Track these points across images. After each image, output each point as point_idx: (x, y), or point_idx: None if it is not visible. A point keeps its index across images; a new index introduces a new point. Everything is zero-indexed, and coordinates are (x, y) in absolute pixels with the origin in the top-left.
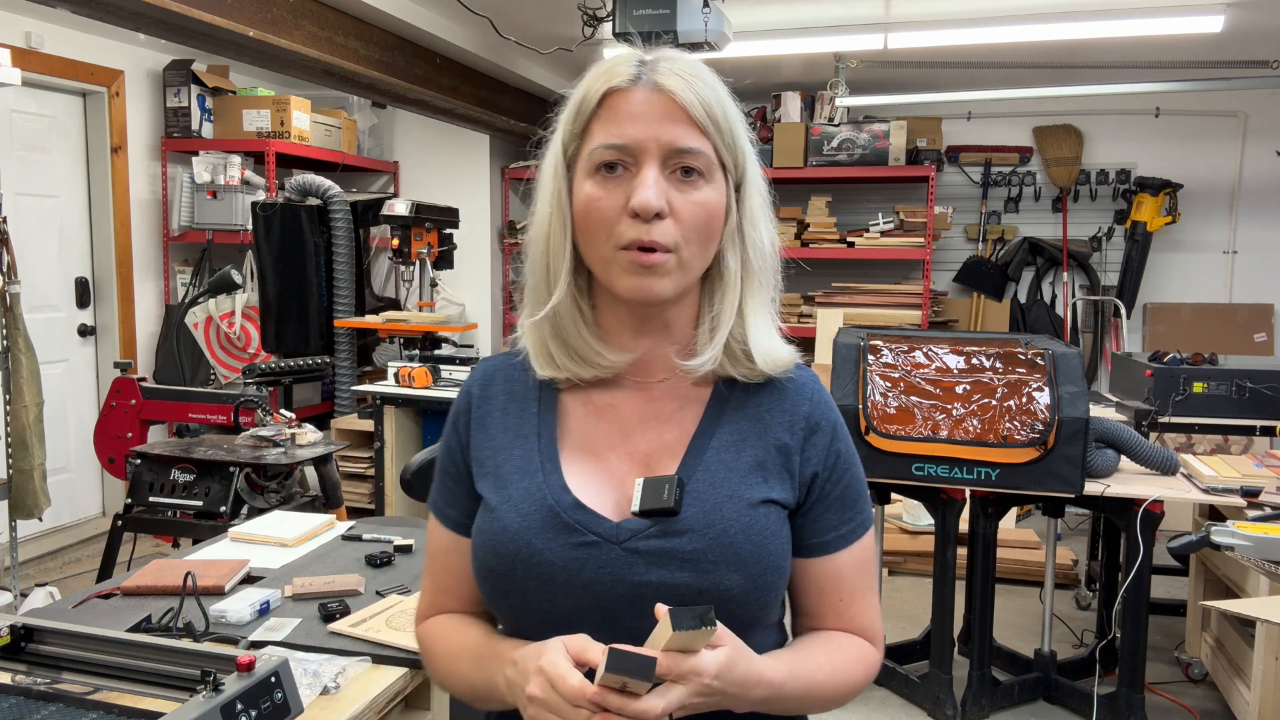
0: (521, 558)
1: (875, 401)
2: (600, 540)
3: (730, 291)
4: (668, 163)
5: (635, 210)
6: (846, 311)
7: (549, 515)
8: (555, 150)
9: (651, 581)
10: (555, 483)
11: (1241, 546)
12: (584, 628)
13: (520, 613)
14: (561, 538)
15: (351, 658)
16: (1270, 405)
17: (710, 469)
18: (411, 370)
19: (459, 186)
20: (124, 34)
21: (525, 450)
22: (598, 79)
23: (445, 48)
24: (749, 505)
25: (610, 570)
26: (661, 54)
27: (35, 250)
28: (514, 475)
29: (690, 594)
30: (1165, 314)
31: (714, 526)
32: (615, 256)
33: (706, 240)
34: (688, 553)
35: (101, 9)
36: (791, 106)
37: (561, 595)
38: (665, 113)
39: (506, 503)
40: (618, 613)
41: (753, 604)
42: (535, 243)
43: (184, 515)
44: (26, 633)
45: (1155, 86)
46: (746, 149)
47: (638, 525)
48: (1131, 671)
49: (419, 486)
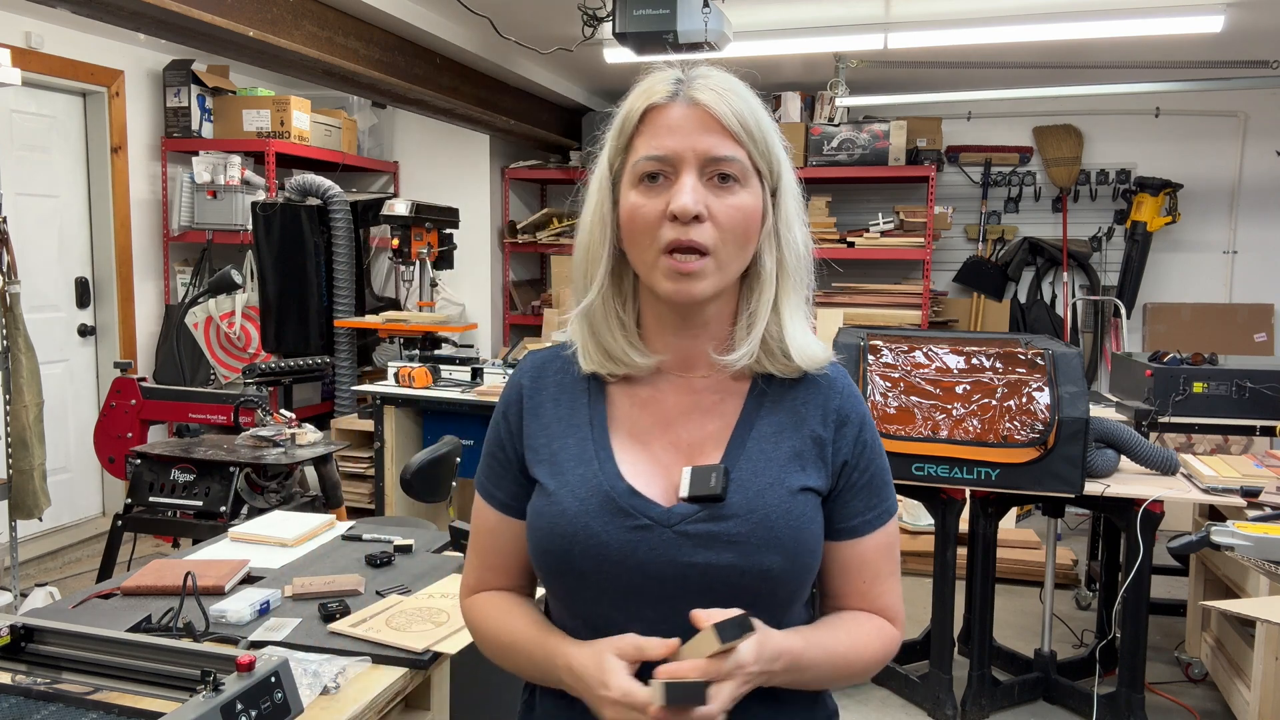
0: (579, 539)
1: (875, 401)
2: (653, 524)
3: (766, 290)
4: (705, 170)
5: (674, 214)
6: (846, 311)
7: (605, 500)
8: (602, 165)
9: (699, 563)
10: (610, 470)
11: (1241, 546)
12: (635, 604)
13: (575, 590)
14: (617, 521)
15: (351, 658)
16: (1270, 405)
17: (752, 458)
18: (411, 370)
19: (459, 186)
20: (124, 34)
21: (579, 439)
22: (639, 97)
23: (445, 48)
24: (789, 492)
25: (661, 552)
26: (698, 71)
27: (35, 250)
28: (570, 463)
29: (734, 574)
30: (1165, 314)
31: (757, 512)
32: (657, 261)
33: (744, 242)
34: (733, 536)
35: (101, 9)
36: (791, 106)
37: (615, 574)
38: (701, 125)
39: (564, 488)
40: (667, 591)
41: (790, 584)
42: (578, 249)
43: (184, 515)
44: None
45: (1155, 86)
46: (781, 156)
47: (687, 510)
48: (1131, 671)
49: (419, 486)
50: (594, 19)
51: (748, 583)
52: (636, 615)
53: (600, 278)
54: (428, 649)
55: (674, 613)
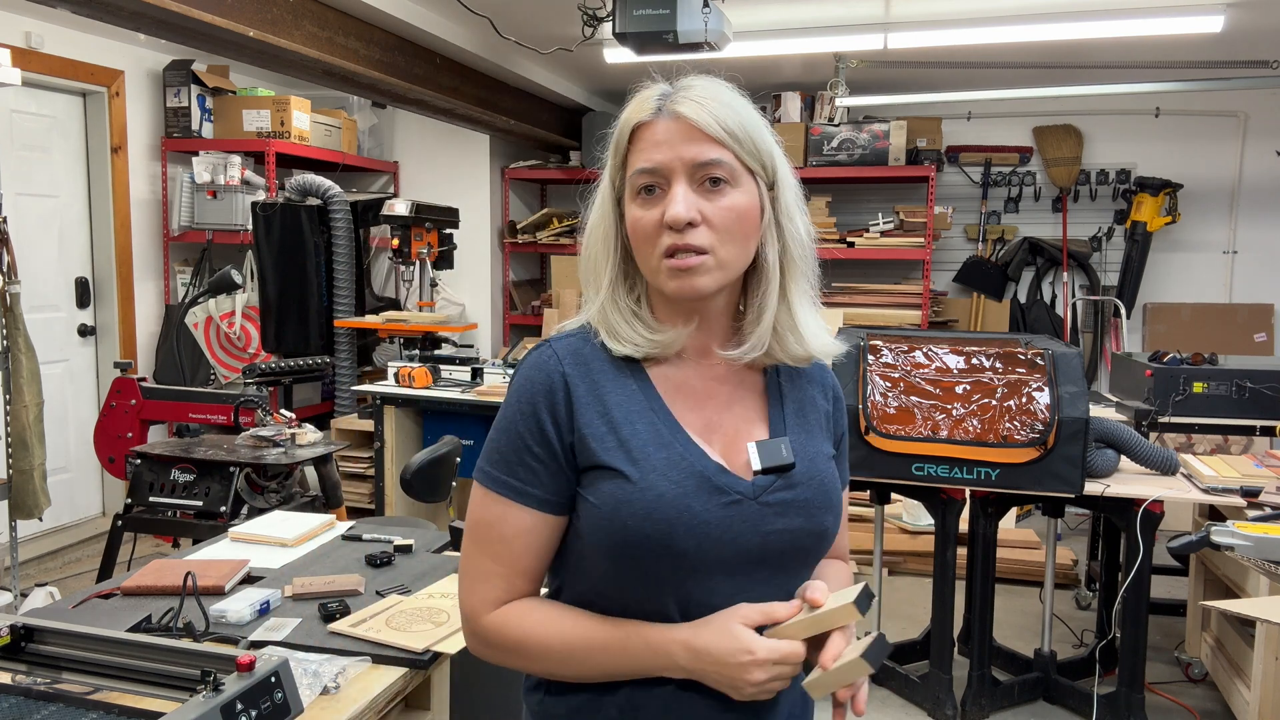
0: (683, 521)
1: (875, 401)
2: (743, 498)
3: (771, 281)
4: (695, 176)
5: (668, 222)
6: (846, 311)
7: (701, 480)
8: (605, 181)
9: (777, 529)
10: (695, 451)
11: (1241, 546)
12: (717, 576)
13: (667, 570)
14: (714, 499)
15: (351, 658)
16: (1270, 405)
17: (795, 432)
18: (411, 370)
19: (459, 186)
20: (124, 34)
21: (648, 423)
22: (627, 118)
23: (445, 48)
24: (827, 459)
25: (750, 523)
26: (682, 84)
27: (35, 250)
28: (648, 447)
29: (802, 536)
30: (1165, 314)
31: (815, 478)
32: (660, 265)
33: (743, 238)
34: (803, 502)
35: (101, 9)
36: (791, 106)
37: (714, 550)
38: (685, 135)
39: (653, 472)
40: (749, 559)
41: (830, 541)
42: (584, 259)
43: (184, 515)
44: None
45: (1155, 86)
46: (774, 152)
47: (766, 481)
48: (1131, 671)
49: (419, 486)
50: (594, 19)
51: (811, 543)
52: (716, 588)
53: (608, 283)
54: (428, 649)
55: (749, 581)
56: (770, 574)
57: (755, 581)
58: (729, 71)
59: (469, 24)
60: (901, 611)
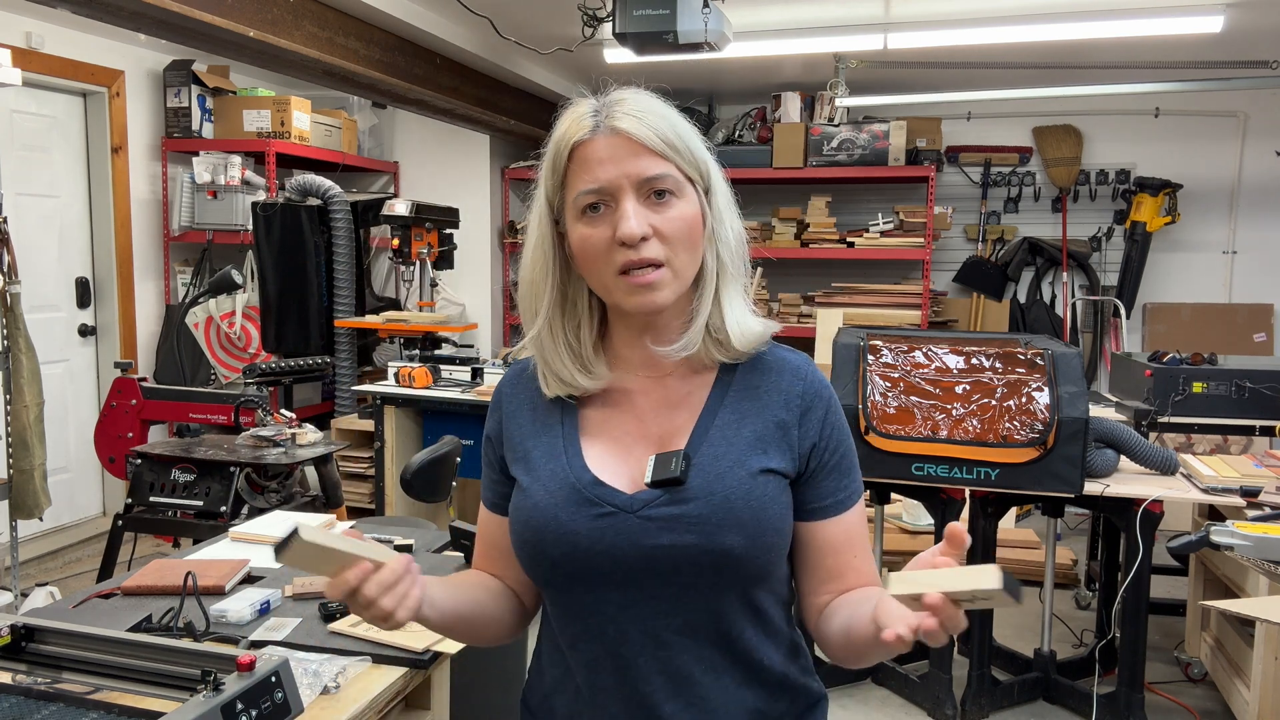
0: (550, 529)
1: (875, 401)
2: (617, 510)
3: (708, 284)
4: (641, 190)
5: (622, 240)
6: (846, 311)
7: (571, 492)
8: (540, 202)
9: (663, 544)
10: (577, 464)
11: (1241, 546)
12: (604, 587)
13: (550, 576)
14: (583, 510)
15: (351, 657)
16: (1270, 405)
17: (714, 444)
18: (412, 370)
19: (459, 186)
20: (124, 34)
21: (551, 438)
22: (563, 136)
23: (445, 48)
24: (749, 474)
25: (627, 536)
26: (610, 99)
27: (35, 250)
28: (542, 459)
29: (697, 554)
30: (1165, 314)
31: (716, 494)
32: (616, 282)
33: (692, 247)
34: (694, 517)
35: (101, 9)
36: (791, 106)
37: (584, 560)
38: (627, 151)
39: (536, 483)
40: (634, 573)
41: (754, 563)
42: (523, 283)
43: (184, 515)
44: (27, 632)
45: (1155, 86)
46: (707, 158)
47: (650, 495)
48: (1131, 671)
49: (419, 486)
50: (594, 19)
51: (711, 562)
52: (608, 598)
53: (545, 308)
54: (428, 649)
55: (645, 595)
56: (670, 589)
57: (651, 596)
58: (716, 76)
59: (469, 24)
60: None
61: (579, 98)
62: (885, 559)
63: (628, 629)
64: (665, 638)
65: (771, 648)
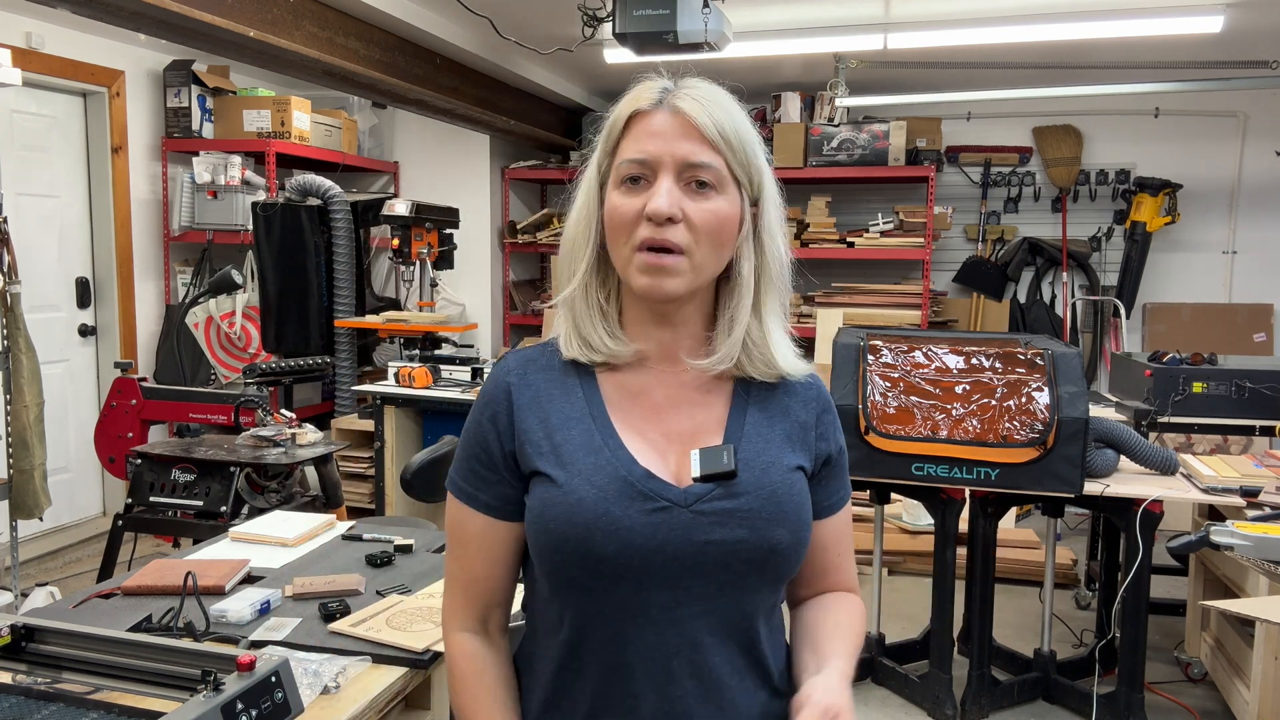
0: (600, 525)
1: (875, 401)
2: (672, 505)
3: (745, 295)
4: (682, 175)
5: (649, 215)
6: (846, 311)
7: (623, 485)
8: (591, 167)
9: (715, 539)
10: (623, 456)
11: (1241, 546)
12: (650, 586)
13: (593, 577)
14: (637, 505)
15: (352, 657)
16: (1270, 405)
17: (751, 439)
18: (412, 370)
19: (459, 186)
20: (124, 34)
21: (583, 429)
22: (626, 104)
23: (445, 48)
24: (787, 470)
25: (681, 531)
26: (686, 81)
27: (35, 250)
28: (578, 452)
29: (746, 549)
30: (1165, 314)
31: (765, 488)
32: (633, 257)
33: (718, 245)
34: (746, 512)
35: (102, 9)
36: (791, 106)
37: (637, 557)
38: (681, 131)
39: (577, 477)
40: (683, 570)
41: (793, 558)
42: (565, 243)
43: (184, 515)
44: (27, 632)
45: (1155, 86)
46: (763, 168)
47: (702, 489)
48: (1131, 671)
49: (419, 486)
50: (594, 19)
51: (759, 558)
52: (652, 599)
53: (583, 272)
54: (428, 649)
55: (689, 594)
56: (714, 587)
57: (695, 595)
58: (716, 76)
59: (469, 24)
60: (901, 611)
61: (655, 76)
62: (885, 559)
63: (666, 631)
64: (700, 639)
65: (777, 648)
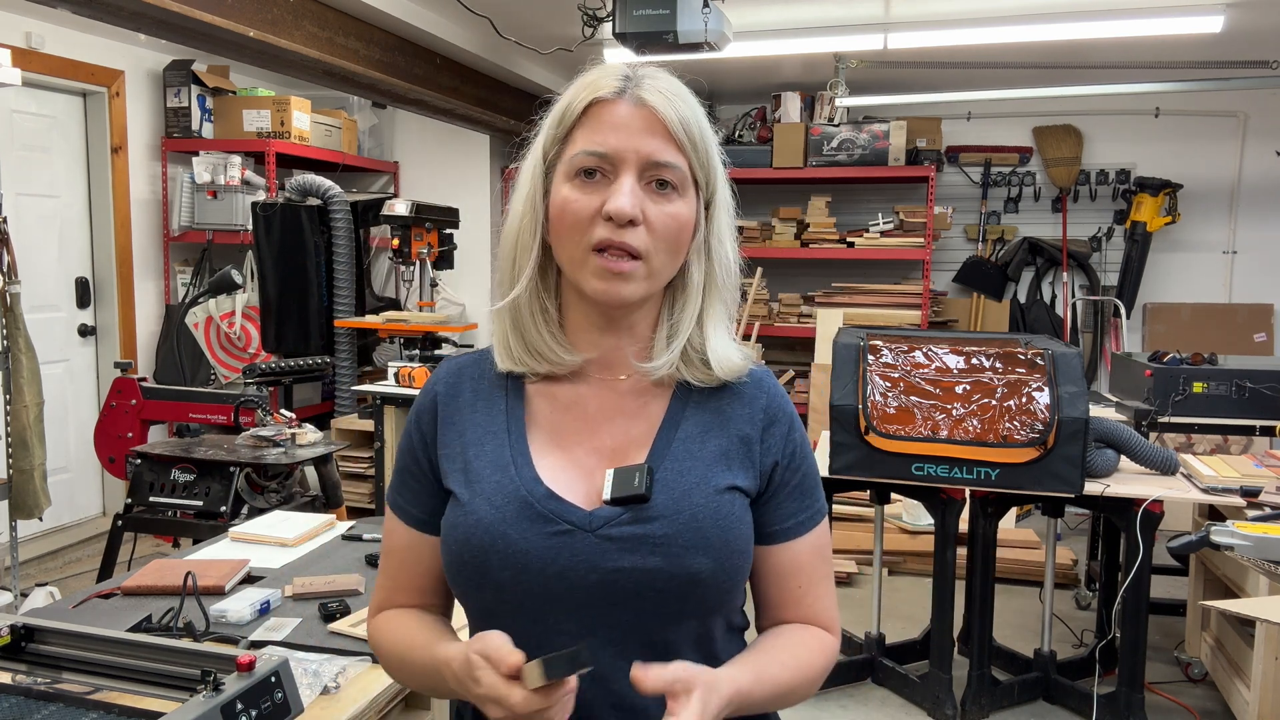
0: (496, 548)
1: (875, 401)
2: (574, 528)
3: (692, 302)
4: (644, 174)
5: (610, 214)
6: (846, 311)
7: (523, 506)
8: (536, 153)
9: (624, 567)
10: (528, 475)
11: (1241, 546)
12: (557, 614)
13: (493, 602)
14: (536, 527)
15: (351, 657)
16: (1270, 405)
17: (677, 458)
18: (412, 370)
19: (459, 186)
20: (124, 34)
21: (496, 445)
22: (583, 89)
23: (445, 48)
24: (715, 491)
25: (584, 557)
26: (646, 71)
27: (35, 250)
28: (485, 469)
29: (662, 578)
30: (1165, 314)
31: (683, 512)
32: (586, 259)
33: (675, 250)
34: (659, 538)
35: (101, 9)
36: (791, 106)
37: (536, 583)
38: (646, 126)
39: (479, 496)
40: (590, 599)
41: (720, 587)
42: (506, 238)
43: (184, 515)
44: (27, 632)
45: (1155, 86)
46: (719, 169)
47: (610, 513)
48: (1131, 671)
49: None
50: (594, 19)
51: (675, 587)
52: (558, 627)
53: (529, 270)
54: None
55: (599, 623)
56: (630, 615)
57: (608, 624)
58: (716, 76)
59: (469, 24)
60: (901, 611)
61: (608, 62)
62: (885, 559)
63: None
64: (616, 669)
65: None
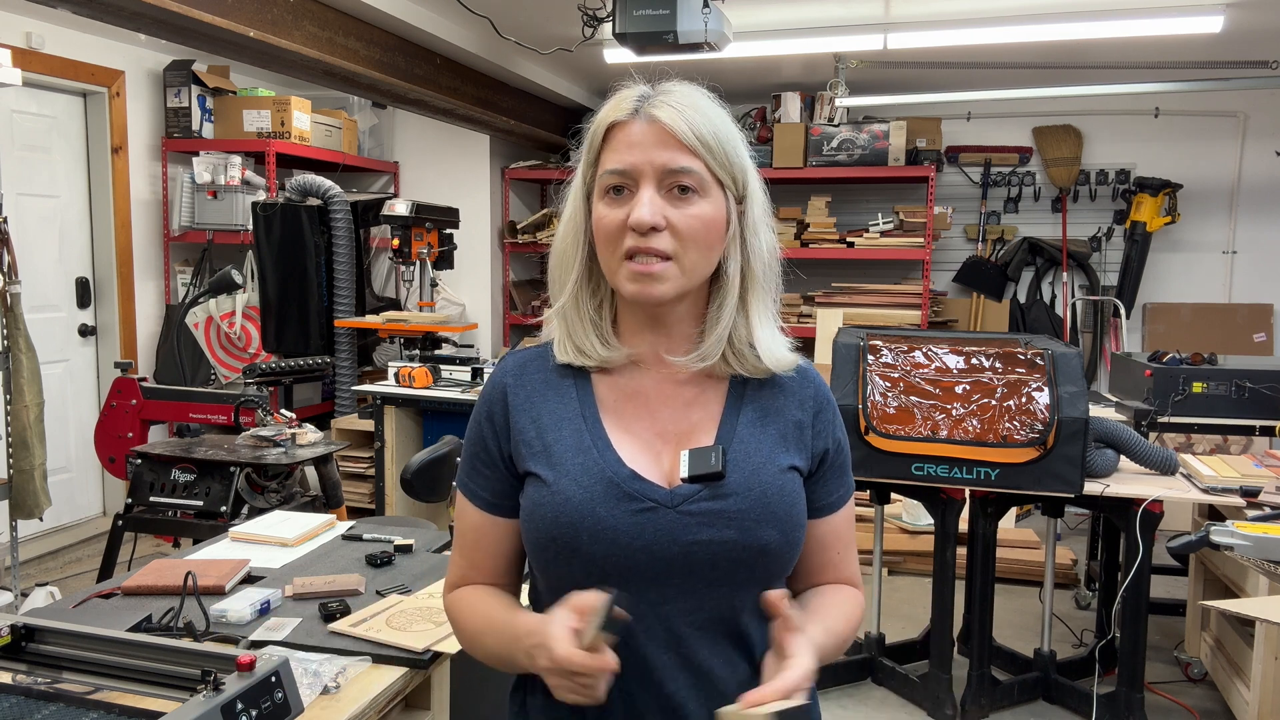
0: (586, 525)
1: (875, 401)
2: (658, 505)
3: (730, 294)
4: (664, 182)
5: (632, 225)
6: (846, 311)
7: (609, 485)
8: (577, 178)
9: (703, 540)
10: (610, 457)
11: (1241, 546)
12: (639, 585)
13: (581, 574)
14: (623, 505)
15: (351, 657)
16: (1270, 405)
17: (744, 440)
18: (412, 370)
19: (459, 186)
20: (124, 34)
21: (573, 429)
22: (604, 116)
23: (445, 48)
24: (779, 470)
25: (666, 532)
26: (661, 88)
27: (36, 250)
28: (568, 453)
29: (735, 550)
30: (1165, 314)
31: (754, 489)
32: (620, 266)
33: (706, 248)
34: (733, 513)
35: (101, 9)
36: (791, 107)
37: (623, 557)
38: (659, 140)
39: (565, 476)
40: (670, 569)
41: (784, 559)
42: (554, 254)
43: (184, 515)
44: (27, 632)
45: (1155, 87)
46: (746, 166)
47: (689, 490)
48: (1131, 671)
49: (419, 486)
50: (594, 19)
51: (747, 558)
52: (641, 598)
53: (573, 282)
54: (428, 649)
55: (678, 593)
56: (703, 586)
57: (684, 592)
58: (717, 76)
59: (469, 24)
60: (901, 611)
61: (631, 83)
62: (885, 559)
63: (654, 627)
64: (686, 634)
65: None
